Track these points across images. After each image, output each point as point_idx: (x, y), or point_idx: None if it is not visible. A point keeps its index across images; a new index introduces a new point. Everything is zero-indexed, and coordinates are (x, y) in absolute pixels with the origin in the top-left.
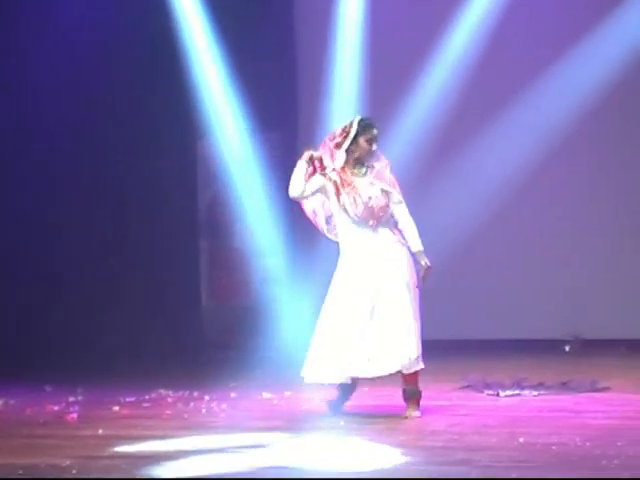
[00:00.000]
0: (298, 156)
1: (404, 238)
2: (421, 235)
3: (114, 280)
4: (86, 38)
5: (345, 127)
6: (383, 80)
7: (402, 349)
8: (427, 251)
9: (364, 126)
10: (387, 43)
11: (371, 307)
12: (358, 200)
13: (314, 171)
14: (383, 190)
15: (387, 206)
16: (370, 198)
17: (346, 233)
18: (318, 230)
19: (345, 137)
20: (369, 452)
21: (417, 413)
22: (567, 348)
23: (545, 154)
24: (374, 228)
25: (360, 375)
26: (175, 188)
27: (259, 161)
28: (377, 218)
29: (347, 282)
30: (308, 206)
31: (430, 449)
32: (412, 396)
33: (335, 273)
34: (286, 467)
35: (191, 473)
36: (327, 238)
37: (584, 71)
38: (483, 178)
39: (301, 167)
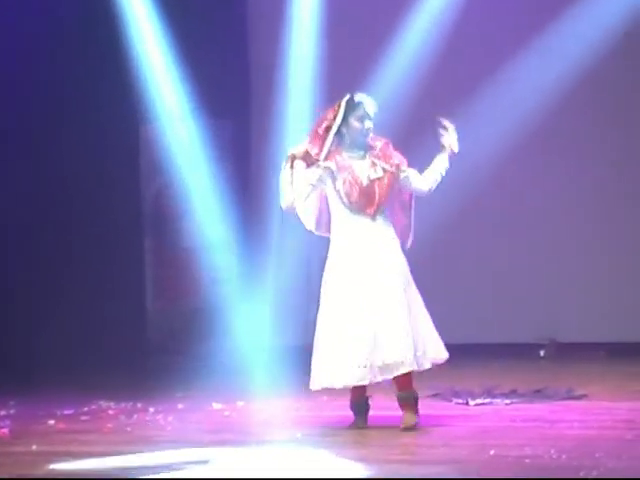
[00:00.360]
0: (253, 147)
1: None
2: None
3: (50, 281)
4: (24, 20)
5: (333, 108)
6: (340, 67)
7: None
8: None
9: (353, 104)
10: (344, 30)
11: (368, 305)
12: (355, 186)
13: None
14: (386, 170)
15: (389, 188)
16: (370, 182)
17: (341, 225)
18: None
19: (334, 119)
20: (328, 467)
21: (414, 421)
22: (542, 353)
23: (517, 152)
24: (372, 217)
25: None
26: (116, 181)
27: (208, 150)
28: (376, 205)
29: (342, 282)
30: (310, 208)
31: (395, 463)
32: (407, 401)
33: (327, 270)
34: None
35: None
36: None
37: (560, 52)
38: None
39: (286, 173)
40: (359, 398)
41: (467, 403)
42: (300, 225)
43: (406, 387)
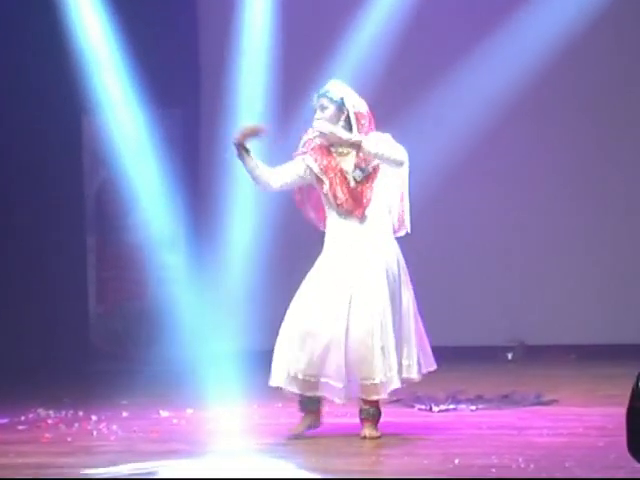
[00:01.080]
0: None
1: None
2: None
3: None
4: None
5: None
6: (292, 56)
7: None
8: None
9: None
10: (296, 19)
11: (346, 312)
12: (343, 188)
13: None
14: (372, 167)
15: (374, 185)
16: (356, 183)
17: (331, 226)
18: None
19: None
20: (283, 477)
21: (377, 433)
22: (509, 356)
23: (484, 146)
24: (361, 219)
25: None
26: (57, 175)
27: (156, 141)
28: (364, 207)
29: (324, 283)
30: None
31: (352, 473)
32: (369, 416)
33: (313, 269)
34: None
35: None
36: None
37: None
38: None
39: (240, 157)
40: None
41: (430, 409)
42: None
43: (371, 402)
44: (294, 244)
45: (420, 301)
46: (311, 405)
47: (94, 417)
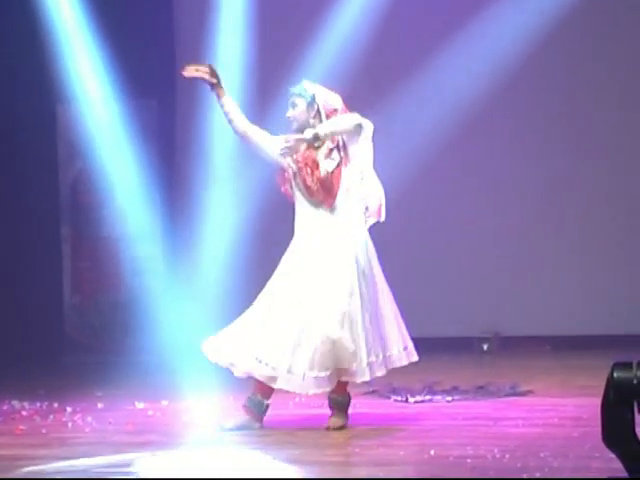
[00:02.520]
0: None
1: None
2: None
3: None
4: None
5: None
6: (267, 45)
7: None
8: None
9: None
10: (273, 10)
11: (314, 303)
12: (314, 177)
13: None
14: (340, 155)
15: (343, 176)
16: (327, 174)
17: (300, 214)
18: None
19: None
20: (258, 469)
21: (341, 424)
22: (485, 347)
23: (455, 142)
24: (331, 209)
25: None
26: (32, 165)
27: (132, 132)
28: (334, 197)
29: (292, 273)
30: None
31: (328, 465)
32: (338, 405)
33: (284, 257)
34: None
35: None
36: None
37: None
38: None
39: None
40: (265, 395)
41: (406, 400)
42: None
43: (339, 391)
44: (268, 236)
45: (396, 292)
46: (258, 408)
47: (69, 409)
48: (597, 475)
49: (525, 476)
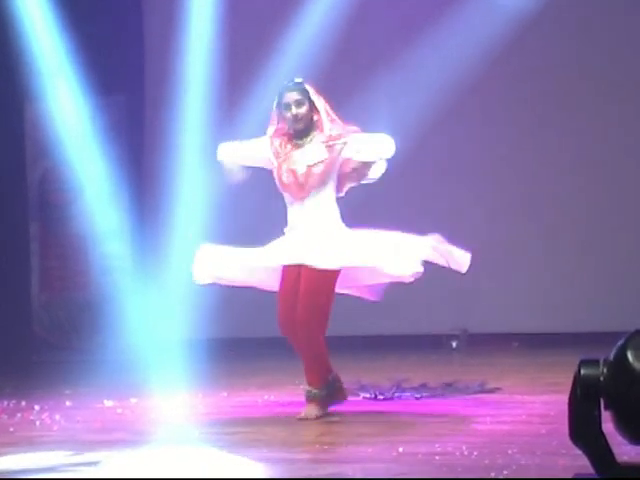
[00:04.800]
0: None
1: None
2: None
3: None
4: None
5: None
6: (237, 42)
7: None
8: None
9: (278, 94)
10: (243, 3)
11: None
12: (289, 174)
13: None
14: (332, 150)
15: (326, 172)
16: (307, 168)
17: (288, 210)
18: None
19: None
20: (226, 467)
21: (313, 415)
22: (454, 344)
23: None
24: (302, 202)
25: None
26: None
27: (99, 129)
28: (306, 191)
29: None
30: None
31: (296, 462)
32: (313, 398)
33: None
34: None
35: None
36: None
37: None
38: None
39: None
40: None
41: (375, 398)
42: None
43: (314, 384)
44: (238, 234)
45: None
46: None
47: (37, 407)
48: (564, 472)
49: (493, 474)
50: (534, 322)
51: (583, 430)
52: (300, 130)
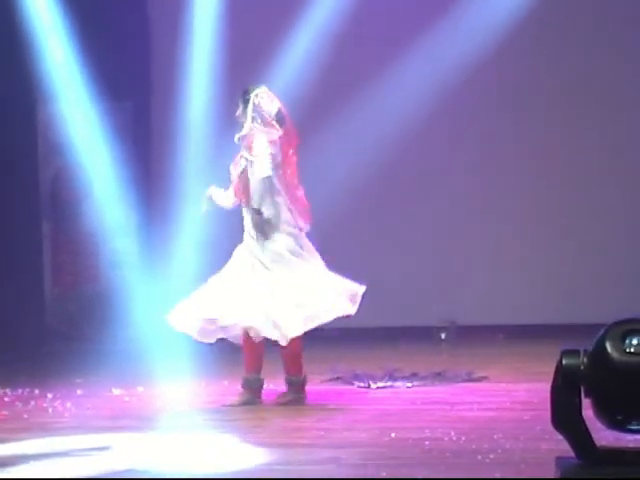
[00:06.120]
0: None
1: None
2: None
3: None
4: None
5: None
6: (241, 48)
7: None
8: None
9: None
10: (246, 11)
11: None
12: (233, 181)
13: None
14: (247, 160)
15: (244, 182)
16: (237, 177)
17: None
18: None
19: None
20: (228, 452)
21: (283, 399)
22: (442, 336)
23: (420, 129)
24: (245, 206)
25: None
26: (13, 162)
27: (108, 132)
28: (248, 195)
29: (232, 261)
30: None
31: (294, 447)
32: (293, 384)
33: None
34: (139, 471)
35: None
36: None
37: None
38: (353, 154)
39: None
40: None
41: (368, 386)
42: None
43: (292, 372)
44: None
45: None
46: (253, 384)
47: (49, 395)
48: (546, 455)
49: (479, 457)
50: (519, 314)
51: (564, 416)
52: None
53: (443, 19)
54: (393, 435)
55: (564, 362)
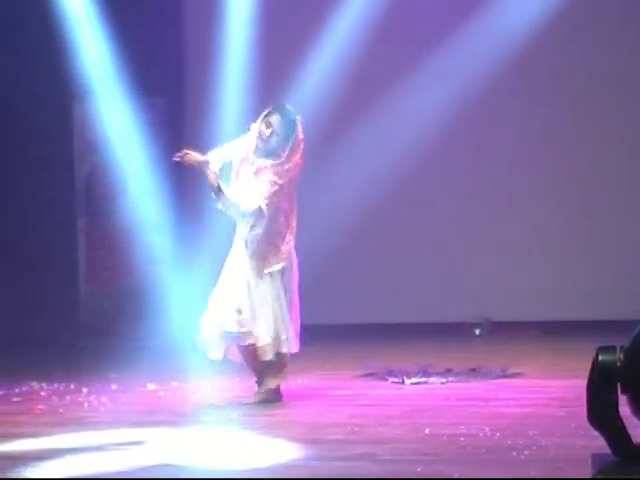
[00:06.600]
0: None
1: None
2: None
3: None
4: None
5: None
6: (275, 43)
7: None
8: (325, 230)
9: (272, 108)
10: (280, 8)
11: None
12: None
13: None
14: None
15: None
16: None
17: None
18: None
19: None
20: (262, 447)
21: (252, 400)
22: (477, 332)
23: (445, 132)
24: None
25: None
26: (49, 159)
27: (143, 128)
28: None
29: (227, 265)
30: None
31: (328, 443)
32: (259, 384)
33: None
34: (172, 465)
35: (66, 474)
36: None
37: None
38: (382, 154)
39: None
40: None
41: (402, 382)
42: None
43: (263, 373)
44: None
45: (392, 280)
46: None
47: (85, 390)
48: (582, 452)
49: (514, 453)
50: (554, 310)
51: (600, 413)
52: (260, 149)
53: (466, 23)
54: (427, 431)
55: (600, 358)
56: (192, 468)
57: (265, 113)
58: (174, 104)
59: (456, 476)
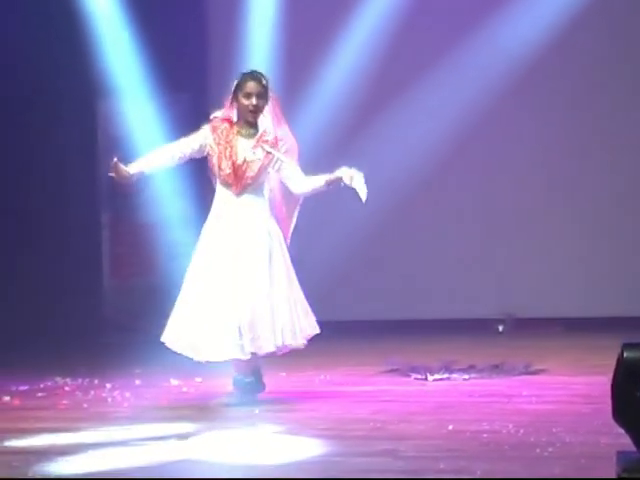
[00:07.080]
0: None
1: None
2: (340, 209)
3: (7, 257)
4: None
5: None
6: (299, 40)
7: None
8: (349, 227)
9: (240, 80)
10: (303, 4)
11: (233, 280)
12: (228, 161)
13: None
14: (267, 154)
15: (261, 173)
16: (244, 162)
17: (217, 196)
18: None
19: (231, 94)
20: (285, 443)
21: (225, 400)
22: (500, 328)
23: (467, 129)
24: (237, 195)
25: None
26: (73, 155)
27: (166, 124)
28: (242, 186)
29: (208, 252)
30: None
31: (351, 439)
32: (235, 384)
33: (199, 239)
34: (195, 461)
35: (90, 469)
36: None
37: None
38: (405, 150)
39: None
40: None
41: (425, 378)
42: None
43: (239, 370)
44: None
45: (416, 277)
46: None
47: (108, 385)
48: (606, 449)
49: (538, 450)
50: (578, 307)
51: (625, 410)
52: (250, 122)
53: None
54: (450, 427)
55: (626, 355)
56: (215, 464)
57: (234, 90)
58: (198, 100)
59: (479, 473)
